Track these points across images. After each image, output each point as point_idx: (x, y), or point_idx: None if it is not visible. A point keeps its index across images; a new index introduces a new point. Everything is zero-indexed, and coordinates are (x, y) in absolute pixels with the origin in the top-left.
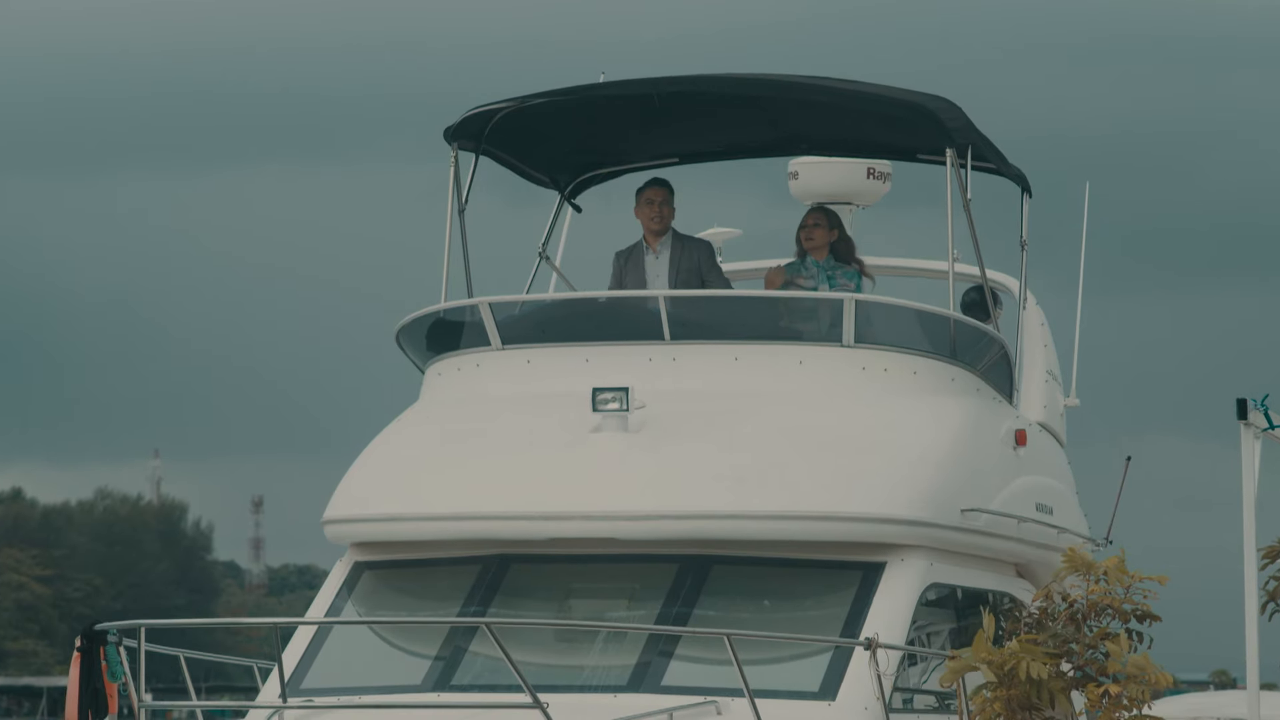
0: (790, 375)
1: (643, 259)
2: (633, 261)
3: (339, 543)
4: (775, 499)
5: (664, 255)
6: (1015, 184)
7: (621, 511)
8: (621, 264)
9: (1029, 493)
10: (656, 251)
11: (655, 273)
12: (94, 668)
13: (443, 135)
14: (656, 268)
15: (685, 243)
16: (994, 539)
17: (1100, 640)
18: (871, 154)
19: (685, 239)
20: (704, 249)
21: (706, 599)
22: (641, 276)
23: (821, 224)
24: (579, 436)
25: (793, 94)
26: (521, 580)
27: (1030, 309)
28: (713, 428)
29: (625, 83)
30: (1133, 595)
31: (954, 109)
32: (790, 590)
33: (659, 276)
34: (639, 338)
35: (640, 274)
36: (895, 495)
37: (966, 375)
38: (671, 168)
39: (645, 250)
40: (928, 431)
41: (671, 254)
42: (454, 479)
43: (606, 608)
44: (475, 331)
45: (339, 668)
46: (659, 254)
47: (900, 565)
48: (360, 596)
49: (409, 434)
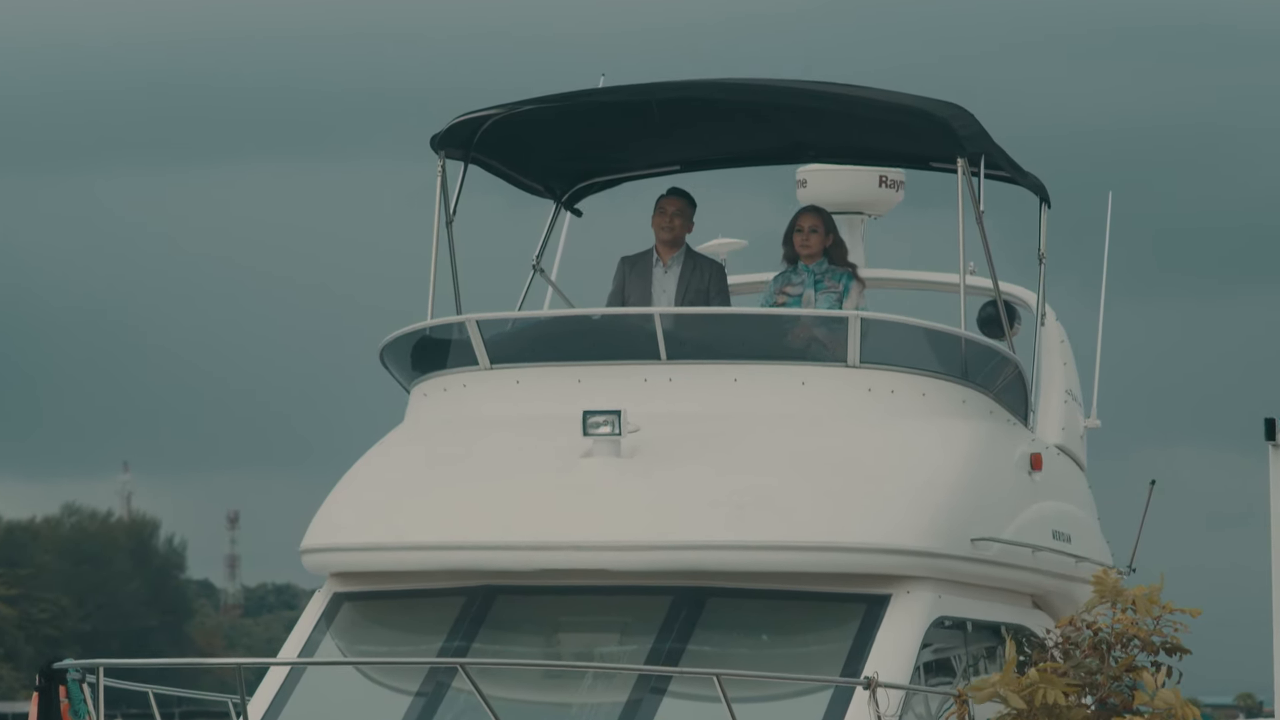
0: (792, 397)
1: (650, 270)
2: (639, 270)
3: (317, 573)
4: (775, 528)
5: (674, 270)
6: (1033, 194)
7: (613, 541)
8: (627, 271)
9: (1045, 520)
10: (667, 265)
11: (662, 287)
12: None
13: (429, 143)
14: (664, 282)
15: (699, 262)
16: (1007, 569)
17: (1125, 672)
18: (881, 162)
19: (699, 258)
20: (716, 271)
21: (701, 633)
22: (647, 289)
23: (819, 228)
24: (569, 462)
25: (799, 100)
26: (508, 613)
27: (1049, 325)
28: (710, 453)
29: (621, 89)
30: (1162, 627)
31: (966, 116)
32: (789, 624)
33: (665, 292)
34: (634, 357)
35: (646, 286)
36: (901, 524)
37: (979, 397)
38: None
39: (655, 261)
40: (936, 456)
41: (682, 270)
42: (438, 507)
43: (597, 642)
44: (462, 350)
45: (315, 706)
46: (669, 268)
47: (906, 598)
48: (339, 630)
49: (391, 459)
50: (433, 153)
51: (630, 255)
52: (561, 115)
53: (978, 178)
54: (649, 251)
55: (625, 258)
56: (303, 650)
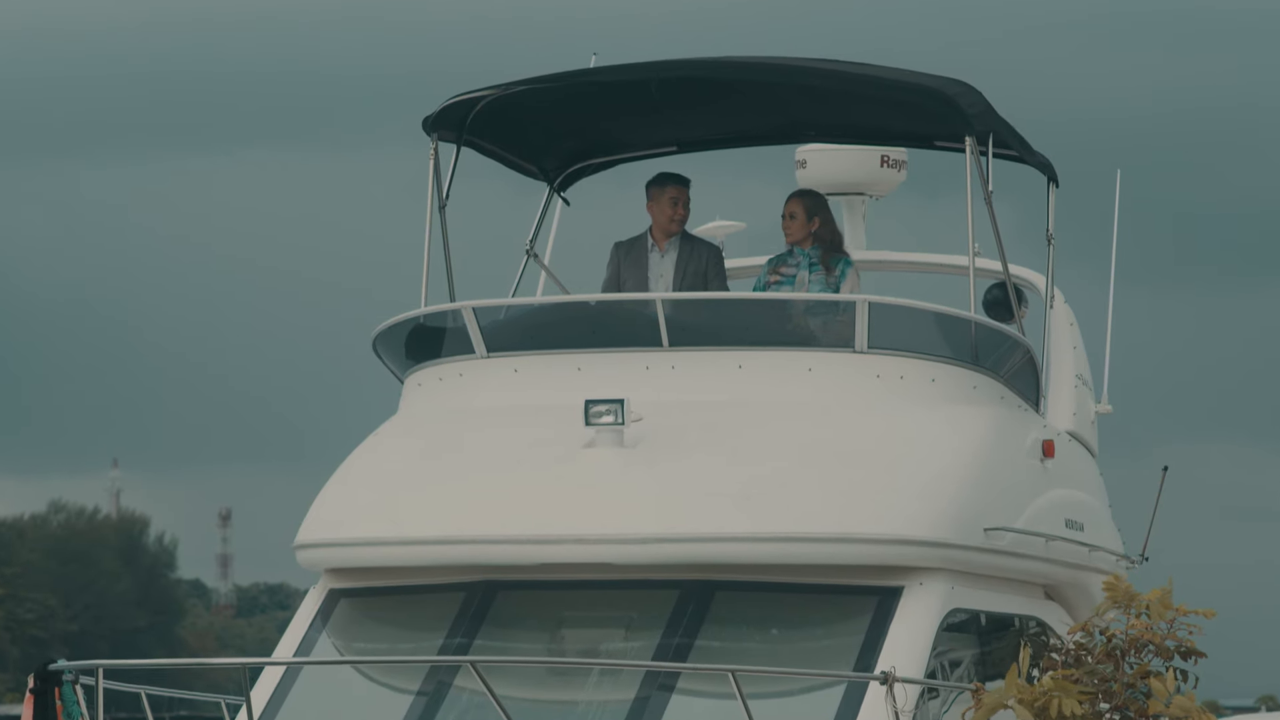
0: (799, 384)
1: (646, 255)
2: (634, 256)
3: (312, 569)
4: (783, 519)
5: (670, 255)
6: (1040, 172)
7: (617, 534)
8: (621, 257)
9: (1058, 508)
10: (664, 250)
11: (659, 272)
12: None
13: (421, 125)
14: (661, 266)
15: (694, 245)
16: (1021, 559)
17: (1140, 679)
18: (884, 141)
19: (695, 240)
20: (713, 253)
21: (709, 628)
22: (643, 275)
23: (798, 214)
24: (571, 452)
25: (799, 78)
26: (510, 609)
27: (1058, 308)
28: (715, 442)
29: (618, 68)
30: (1176, 631)
31: (973, 93)
32: (800, 618)
33: (662, 277)
34: (635, 344)
35: (642, 272)
36: (913, 514)
37: (989, 382)
38: (670, 157)
39: (650, 246)
40: (948, 444)
41: (679, 255)
42: (435, 499)
43: (602, 638)
44: (458, 338)
45: (313, 706)
46: (665, 253)
47: (919, 590)
48: (336, 627)
49: (386, 450)
50: (425, 136)
51: (624, 240)
52: (557, 95)
53: (985, 157)
54: (643, 236)
55: (619, 243)
56: (298, 649)
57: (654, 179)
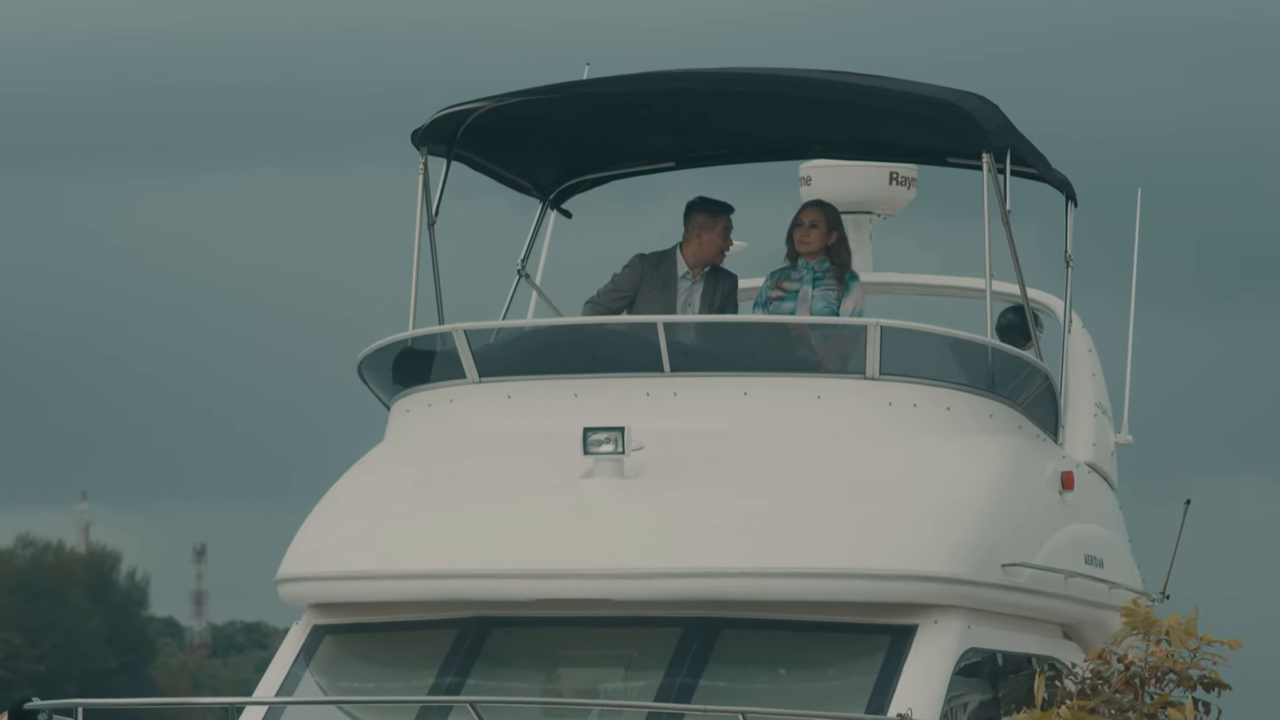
0: (807, 412)
1: (675, 279)
2: (661, 276)
3: (295, 604)
4: (792, 554)
5: (699, 283)
6: (1059, 191)
7: (617, 569)
8: (646, 272)
9: (1077, 543)
10: (695, 277)
11: (688, 300)
12: None
13: (410, 139)
14: (690, 295)
15: (720, 274)
16: (1038, 597)
17: (1160, 709)
18: (894, 157)
19: (721, 270)
20: (732, 282)
21: (714, 668)
22: (672, 300)
23: (819, 223)
24: (568, 483)
25: (805, 91)
26: (504, 646)
27: (1076, 333)
28: (720, 472)
29: (615, 79)
30: (1200, 660)
31: (990, 107)
32: (809, 657)
33: (690, 306)
34: (635, 369)
35: (671, 296)
36: (928, 549)
37: (1006, 411)
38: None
39: (684, 273)
40: (963, 476)
41: (706, 284)
42: (425, 531)
43: (601, 678)
44: (448, 362)
45: None
46: (696, 281)
47: (934, 628)
48: (320, 665)
49: (373, 480)
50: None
51: (649, 254)
52: (551, 108)
53: (1003, 174)
54: (671, 255)
55: (643, 255)
56: (281, 688)
57: (703, 206)
